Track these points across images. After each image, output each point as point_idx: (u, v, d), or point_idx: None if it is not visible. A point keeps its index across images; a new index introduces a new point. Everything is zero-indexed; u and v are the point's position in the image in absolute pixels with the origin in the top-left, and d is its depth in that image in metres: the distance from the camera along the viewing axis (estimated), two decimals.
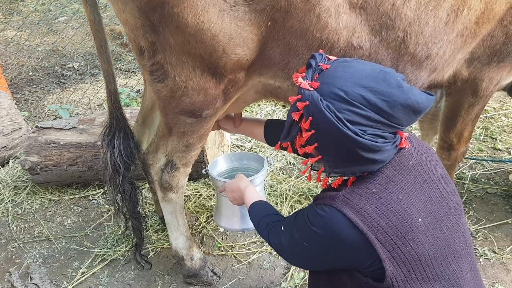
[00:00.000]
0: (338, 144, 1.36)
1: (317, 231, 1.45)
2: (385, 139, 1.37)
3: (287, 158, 3.56)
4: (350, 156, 1.37)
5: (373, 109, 1.32)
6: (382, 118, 1.33)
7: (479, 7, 1.88)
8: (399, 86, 1.34)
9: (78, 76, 5.13)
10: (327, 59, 1.48)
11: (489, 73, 2.12)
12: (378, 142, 1.34)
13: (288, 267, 2.65)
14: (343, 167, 1.42)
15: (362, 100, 1.32)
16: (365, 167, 1.42)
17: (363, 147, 1.34)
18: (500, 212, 2.97)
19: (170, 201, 2.41)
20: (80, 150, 3.15)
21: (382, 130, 1.35)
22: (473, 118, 2.36)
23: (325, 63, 1.45)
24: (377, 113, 1.32)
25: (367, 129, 1.33)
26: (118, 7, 1.79)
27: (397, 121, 1.35)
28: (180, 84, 1.92)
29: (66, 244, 2.90)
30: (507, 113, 4.06)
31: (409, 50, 1.90)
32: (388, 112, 1.32)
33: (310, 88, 1.39)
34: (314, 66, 1.45)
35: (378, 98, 1.32)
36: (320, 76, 1.42)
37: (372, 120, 1.33)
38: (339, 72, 1.39)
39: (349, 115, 1.32)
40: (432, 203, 1.45)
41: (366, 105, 1.32)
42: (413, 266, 1.40)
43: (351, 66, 1.41)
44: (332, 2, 1.74)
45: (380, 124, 1.34)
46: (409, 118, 1.36)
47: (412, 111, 1.35)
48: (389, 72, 1.38)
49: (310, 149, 1.42)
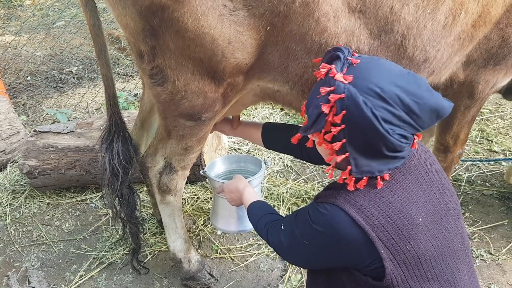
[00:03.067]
0: (367, 141, 1.34)
1: (318, 229, 1.45)
2: (407, 139, 1.38)
3: (284, 161, 3.58)
4: (374, 154, 1.37)
5: (405, 109, 1.32)
6: (411, 119, 1.34)
7: (476, 11, 1.90)
8: (429, 89, 1.36)
9: (76, 80, 5.14)
10: (352, 53, 1.46)
11: (485, 76, 2.15)
12: (402, 142, 1.35)
13: (285, 269, 2.66)
14: (368, 166, 1.39)
15: (396, 99, 1.31)
16: (389, 164, 1.41)
17: (390, 146, 1.34)
18: (496, 213, 3.00)
19: (168, 203, 2.42)
20: (78, 154, 3.16)
21: (407, 130, 1.36)
22: (469, 121, 2.38)
23: (353, 58, 1.42)
24: (407, 114, 1.33)
25: (396, 128, 1.33)
26: (119, 11, 1.81)
27: (421, 123, 1.36)
28: (180, 88, 1.94)
29: (64, 247, 2.90)
30: (503, 115, 4.10)
31: (407, 54, 1.91)
32: (417, 114, 1.33)
33: (345, 81, 1.34)
34: (343, 58, 1.40)
35: (411, 99, 1.32)
36: (351, 70, 1.37)
37: (402, 120, 1.33)
38: (372, 68, 1.36)
39: (383, 113, 1.31)
40: (432, 203, 1.46)
41: (399, 105, 1.31)
42: (413, 265, 1.40)
43: (382, 63, 1.39)
44: (331, 6, 1.75)
45: (407, 125, 1.34)
46: (431, 121, 1.38)
47: (436, 116, 1.37)
48: (416, 75, 1.38)
49: (338, 146, 1.37)
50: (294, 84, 1.99)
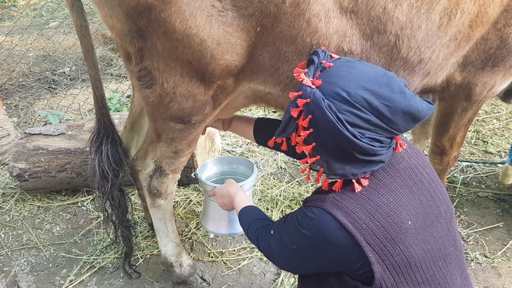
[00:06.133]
0: (336, 145, 1.34)
1: (306, 233, 1.43)
2: (381, 143, 1.36)
3: (278, 163, 3.55)
4: (346, 157, 1.36)
5: (374, 113, 1.31)
6: (382, 122, 1.32)
7: (472, 10, 1.86)
8: (402, 92, 1.33)
9: (69, 81, 5.09)
10: (329, 56, 1.46)
11: (483, 78, 2.11)
12: (374, 146, 1.34)
13: (278, 273, 2.63)
14: (342, 169, 1.39)
15: (364, 102, 1.30)
16: (364, 168, 1.40)
17: (360, 150, 1.33)
18: (491, 215, 2.98)
19: (159, 207, 2.38)
20: (69, 157, 3.11)
21: (380, 134, 1.34)
22: (466, 123, 2.35)
23: (328, 61, 1.43)
24: (378, 117, 1.31)
25: (366, 132, 1.32)
26: (105, 12, 1.77)
27: (395, 127, 1.35)
28: (168, 90, 1.90)
29: (55, 251, 2.86)
30: (498, 116, 4.09)
31: (401, 55, 1.88)
32: (388, 117, 1.32)
33: (312, 86, 1.36)
34: (316, 62, 1.42)
35: (380, 103, 1.31)
36: (323, 74, 1.39)
37: (372, 124, 1.32)
38: (342, 72, 1.37)
39: (349, 116, 1.31)
40: (423, 206, 1.44)
41: (367, 108, 1.31)
42: (402, 269, 1.38)
43: (354, 66, 1.39)
44: (322, 6, 1.72)
45: (379, 128, 1.33)
46: (407, 124, 1.36)
47: (412, 119, 1.34)
48: (392, 77, 1.37)
49: (308, 149, 1.40)
50: (286, 86, 1.96)
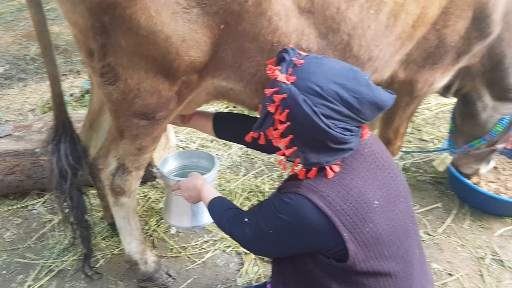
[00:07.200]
0: (312, 136, 1.45)
1: (284, 218, 1.53)
2: (351, 132, 1.49)
3: (232, 157, 3.63)
4: (321, 147, 1.48)
5: (344, 104, 1.43)
6: (352, 113, 1.45)
7: (415, 12, 2.04)
8: (367, 84, 1.46)
9: (4, 81, 4.83)
10: (298, 54, 1.57)
11: (423, 75, 2.30)
12: (346, 135, 1.46)
13: (242, 263, 2.71)
14: (316, 158, 1.50)
15: (335, 96, 1.42)
16: (336, 156, 1.52)
17: (333, 139, 1.45)
18: (430, 197, 3.26)
19: (122, 205, 2.36)
20: (18, 159, 2.98)
21: (350, 124, 1.47)
22: (408, 116, 2.57)
23: (298, 58, 1.53)
24: (348, 109, 1.44)
25: (338, 122, 1.44)
26: (67, 7, 1.74)
27: (363, 116, 1.48)
28: (133, 86, 1.90)
29: (8, 257, 2.73)
30: (429, 106, 4.44)
31: (353, 53, 2.02)
32: (357, 108, 1.44)
33: (287, 82, 1.47)
34: (288, 60, 1.53)
35: (350, 95, 1.43)
36: (295, 71, 1.50)
37: (343, 115, 1.44)
38: (313, 68, 1.48)
39: (323, 109, 1.42)
40: (386, 187, 1.59)
41: (338, 101, 1.43)
42: (372, 245, 1.51)
43: (323, 63, 1.50)
44: (282, 6, 1.81)
45: (349, 118, 1.46)
46: (373, 113, 1.49)
47: (377, 108, 1.48)
48: (357, 71, 1.50)
49: (286, 141, 1.51)
50: (248, 82, 2.03)
